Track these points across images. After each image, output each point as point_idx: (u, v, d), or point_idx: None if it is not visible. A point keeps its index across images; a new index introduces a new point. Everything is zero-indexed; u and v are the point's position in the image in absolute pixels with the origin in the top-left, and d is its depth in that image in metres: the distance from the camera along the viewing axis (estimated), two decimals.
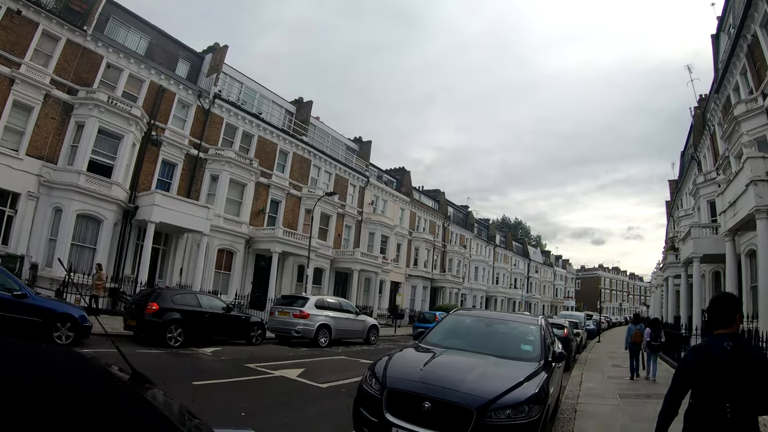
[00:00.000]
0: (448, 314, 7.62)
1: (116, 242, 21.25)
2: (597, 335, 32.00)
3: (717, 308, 2.97)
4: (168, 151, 23.79)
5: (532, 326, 6.61)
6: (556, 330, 15.94)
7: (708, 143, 25.66)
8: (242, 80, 29.58)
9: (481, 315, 7.82)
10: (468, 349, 5.91)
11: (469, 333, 6.65)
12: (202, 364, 10.85)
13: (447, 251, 49.49)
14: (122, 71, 22.35)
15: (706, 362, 2.79)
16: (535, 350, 5.89)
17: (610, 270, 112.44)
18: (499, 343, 6.13)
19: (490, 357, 5.48)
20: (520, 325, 7.00)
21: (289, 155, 30.29)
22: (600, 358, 19.09)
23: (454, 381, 4.59)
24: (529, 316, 7.75)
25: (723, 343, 2.80)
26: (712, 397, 2.73)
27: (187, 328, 13.31)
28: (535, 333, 6.34)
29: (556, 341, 7.95)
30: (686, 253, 21.09)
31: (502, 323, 7.03)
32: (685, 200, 32.74)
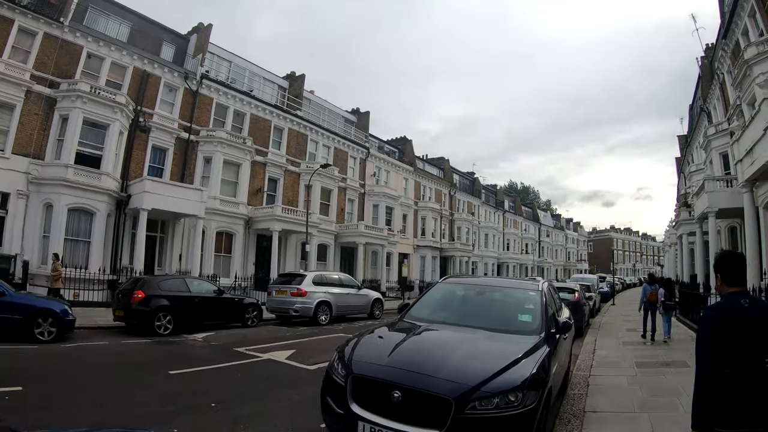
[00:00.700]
0: (437, 283, 6.78)
1: (111, 233, 20.97)
2: (611, 298, 30.97)
3: (730, 266, 2.91)
4: (157, 136, 23.24)
5: (532, 293, 5.81)
6: (566, 295, 14.95)
7: (717, 93, 24.41)
8: (230, 59, 28.69)
9: (474, 282, 6.87)
10: (456, 322, 5.19)
11: (459, 304, 5.93)
12: (188, 351, 10.43)
13: (455, 219, 48.77)
14: (104, 60, 21.78)
15: (733, 319, 2.69)
16: (534, 321, 5.15)
17: (622, 231, 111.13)
18: (493, 315, 5.44)
19: (481, 331, 4.79)
20: (517, 291, 6.11)
21: (284, 131, 29.57)
22: (615, 321, 18.28)
23: (432, 364, 3.93)
24: (528, 281, 6.62)
25: (740, 300, 2.76)
26: (748, 355, 2.60)
27: (176, 314, 12.88)
28: (535, 300, 5.56)
29: (563, 308, 7.20)
30: (700, 208, 20.13)
31: (497, 290, 6.18)
32: (696, 155, 31.65)
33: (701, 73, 27.58)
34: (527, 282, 6.58)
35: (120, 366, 8.58)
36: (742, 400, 2.57)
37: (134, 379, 7.55)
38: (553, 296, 6.63)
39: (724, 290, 2.91)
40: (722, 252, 3.08)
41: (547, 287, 6.31)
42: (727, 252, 3.07)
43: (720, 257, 3.00)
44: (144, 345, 11.05)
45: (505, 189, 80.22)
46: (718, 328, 2.70)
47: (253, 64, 30.10)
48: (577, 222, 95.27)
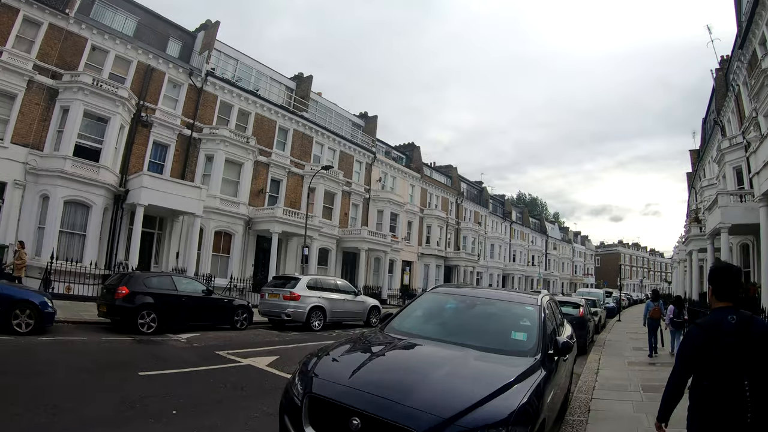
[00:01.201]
0: (424, 292, 6.20)
1: (108, 228, 20.74)
2: (617, 313, 30.20)
3: (723, 279, 2.86)
4: (159, 132, 22.97)
5: (529, 307, 5.18)
6: (570, 309, 14.38)
7: (732, 105, 23.67)
8: (237, 57, 28.42)
9: (465, 293, 6.00)
10: (439, 338, 4.59)
11: (446, 317, 5.34)
12: (166, 352, 9.88)
13: (461, 228, 48.17)
14: (108, 53, 21.67)
15: (716, 337, 2.68)
16: (530, 339, 4.55)
17: (630, 246, 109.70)
18: (483, 331, 4.83)
19: (467, 350, 4.18)
20: (512, 305, 5.46)
21: (289, 132, 29.18)
22: (620, 339, 17.43)
23: (402, 387, 3.32)
24: (526, 295, 5.93)
25: (727, 317, 2.73)
26: (727, 373, 2.61)
27: (161, 313, 12.36)
28: (532, 316, 4.94)
29: (565, 325, 6.60)
30: (713, 223, 19.30)
31: (490, 304, 5.48)
32: (708, 170, 30.89)
33: (715, 86, 26.89)
34: (525, 295, 5.89)
35: (91, 364, 8.09)
36: (718, 414, 2.61)
37: (101, 379, 7.09)
38: (554, 312, 6.02)
39: (714, 304, 2.87)
40: (717, 264, 3.05)
41: (548, 302, 5.72)
42: (722, 264, 3.02)
43: (714, 269, 2.94)
44: (123, 343, 10.55)
45: (514, 200, 79.53)
46: (701, 346, 2.72)
47: (261, 64, 29.80)
48: (585, 235, 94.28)
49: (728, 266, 2.97)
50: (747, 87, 19.87)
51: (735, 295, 2.83)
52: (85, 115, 19.56)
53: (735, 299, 2.82)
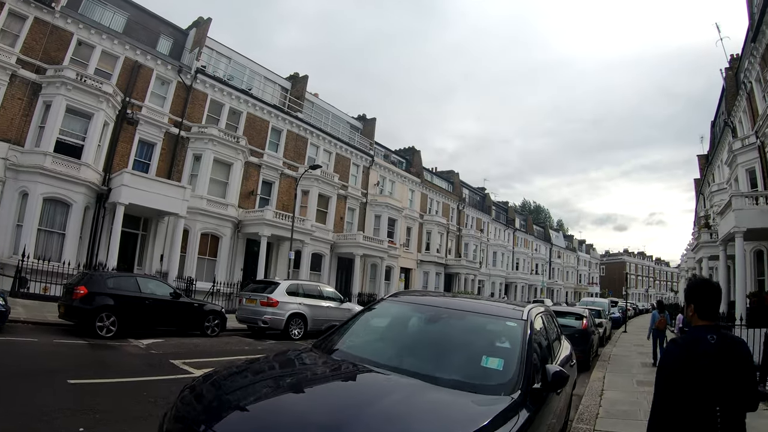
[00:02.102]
0: (381, 300, 4.86)
1: (89, 227, 20.03)
2: (623, 324, 28.62)
3: (705, 296, 2.67)
4: (145, 129, 22.19)
5: (511, 323, 3.88)
6: (572, 321, 13.08)
7: (744, 105, 22.57)
8: (230, 55, 27.66)
9: (430, 303, 4.66)
10: (384, 362, 3.36)
11: (401, 333, 4.18)
12: (115, 359, 8.95)
13: (462, 235, 47.08)
14: (94, 48, 21.08)
15: (692, 358, 2.48)
16: (507, 369, 3.27)
17: (635, 255, 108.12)
18: (446, 354, 3.63)
19: (416, 382, 3.01)
20: (489, 320, 4.11)
21: (282, 133, 28.30)
22: (627, 353, 15.91)
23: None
24: (509, 306, 4.51)
25: (707, 336, 2.55)
26: (698, 399, 2.42)
27: (121, 316, 11.44)
28: (514, 335, 3.67)
29: (562, 343, 5.43)
30: (726, 228, 18.11)
31: (460, 317, 4.15)
32: (718, 174, 29.76)
33: (725, 85, 25.84)
34: (507, 307, 4.51)
35: (23, 369, 7.20)
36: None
37: (24, 386, 6.23)
38: (547, 329, 4.76)
39: (695, 322, 2.70)
40: (696, 279, 2.85)
41: (538, 315, 4.46)
42: (702, 279, 2.86)
43: (694, 285, 2.77)
44: (73, 347, 9.66)
45: (518, 208, 78.45)
46: (679, 368, 2.52)
47: (254, 63, 29.02)
48: (589, 244, 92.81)
49: (709, 282, 2.81)
50: (760, 83, 18.84)
51: (716, 313, 2.69)
52: (68, 110, 18.94)
53: (716, 317, 2.67)
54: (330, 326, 4.55)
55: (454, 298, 5.22)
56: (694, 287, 2.74)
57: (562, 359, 4.82)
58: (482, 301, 5.14)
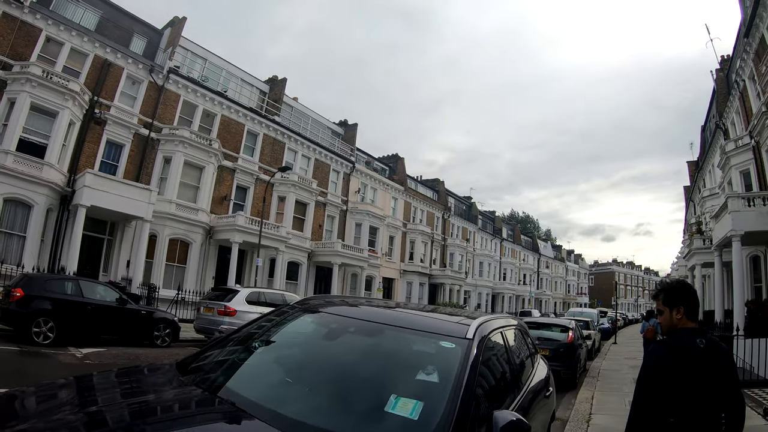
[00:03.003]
0: (280, 308, 3.81)
1: (52, 230, 19.13)
2: (612, 335, 27.29)
3: (693, 298, 2.61)
4: (114, 130, 21.33)
5: (447, 343, 2.77)
6: (556, 334, 11.92)
7: (736, 105, 21.95)
8: (206, 56, 26.88)
9: (343, 313, 3.46)
10: (252, 399, 2.34)
11: (288, 357, 3.03)
12: (38, 369, 8.16)
13: (447, 245, 46.29)
14: (63, 45, 20.33)
15: (687, 361, 2.35)
16: (427, 417, 2.21)
17: (624, 265, 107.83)
18: (343, 391, 2.56)
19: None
20: (415, 339, 2.93)
21: (258, 137, 27.45)
22: (617, 367, 14.70)
23: None
24: (450, 319, 3.28)
25: (696, 340, 2.45)
26: (702, 407, 2.27)
27: (61, 321, 10.58)
28: (448, 362, 2.60)
29: (536, 367, 4.29)
30: (722, 232, 17.11)
31: (376, 333, 3.01)
32: (709, 179, 29.19)
33: (716, 87, 25.26)
34: (449, 320, 3.23)
35: None
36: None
37: None
38: (510, 350, 3.59)
39: (683, 324, 2.55)
40: (678, 282, 2.75)
41: (496, 331, 3.29)
42: (684, 282, 2.79)
43: (682, 287, 2.65)
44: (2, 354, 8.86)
45: (506, 218, 77.90)
46: (669, 370, 2.35)
47: (231, 64, 28.24)
48: (578, 254, 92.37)
49: (687, 284, 2.77)
50: (754, 80, 18.26)
51: (697, 315, 2.61)
52: (32, 108, 18.10)
53: (697, 319, 2.59)
54: (211, 339, 3.28)
55: (381, 308, 3.71)
56: (681, 289, 2.65)
57: (532, 388, 3.71)
58: (416, 312, 3.67)
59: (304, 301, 3.88)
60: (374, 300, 4.40)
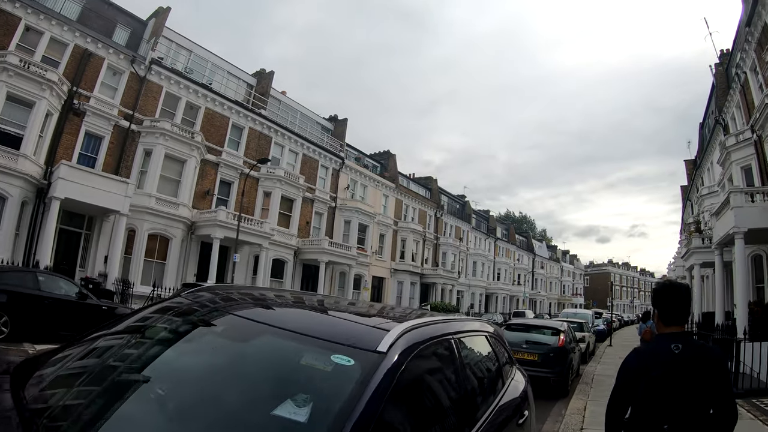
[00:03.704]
0: (162, 301, 2.71)
1: (27, 224, 18.49)
2: (608, 336, 26.25)
3: (669, 300, 2.43)
4: (93, 121, 20.73)
5: (341, 359, 1.78)
6: (547, 337, 11.04)
7: (737, 99, 21.29)
8: (191, 48, 26.30)
9: (223, 306, 2.43)
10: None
11: (134, 364, 1.98)
12: None
13: (440, 244, 45.73)
14: (43, 34, 19.78)
15: (648, 368, 2.28)
16: None
17: (620, 266, 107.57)
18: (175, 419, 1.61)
19: None
20: (305, 349, 1.90)
21: (244, 131, 26.87)
22: (613, 373, 11.89)
23: None
24: (366, 322, 2.36)
25: (670, 345, 2.30)
26: (647, 416, 2.24)
27: (16, 316, 10.09)
28: (337, 389, 1.67)
29: (509, 381, 3.43)
30: (723, 229, 16.39)
31: (246, 339, 2.08)
32: (707, 177, 28.61)
33: (715, 82, 24.69)
34: (362, 323, 2.31)
35: None
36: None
37: None
38: (472, 362, 2.84)
39: (659, 329, 2.47)
40: (662, 283, 2.59)
41: (431, 340, 2.28)
42: (669, 283, 2.57)
43: (659, 288, 2.52)
44: None
45: (501, 217, 77.36)
46: (631, 376, 2.33)
47: (217, 56, 27.68)
48: (573, 255, 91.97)
49: (675, 285, 2.53)
50: (756, 72, 17.66)
51: (683, 318, 2.42)
52: (8, 98, 17.50)
53: (684, 323, 2.42)
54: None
55: (296, 304, 2.88)
56: (658, 291, 2.53)
57: (494, 417, 2.73)
58: (328, 309, 2.70)
59: (195, 292, 2.77)
60: (291, 292, 3.58)
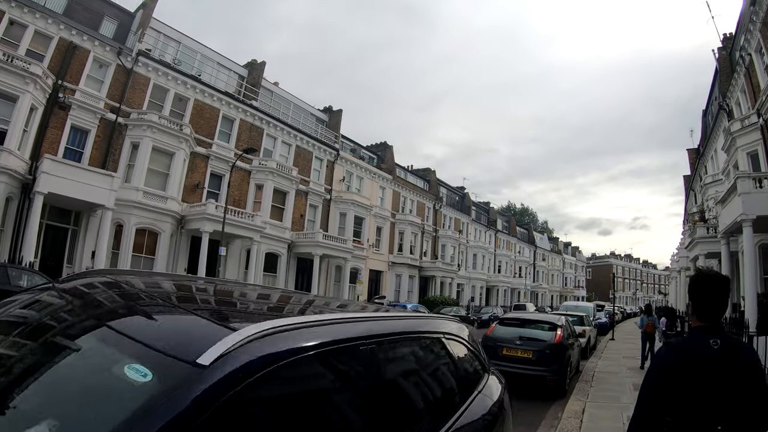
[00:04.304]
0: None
1: (12, 220, 18.23)
2: (610, 329, 25.10)
3: (706, 292, 2.18)
4: (78, 115, 20.39)
5: (135, 371, 1.24)
6: (541, 333, 10.23)
7: (742, 82, 20.68)
8: (180, 39, 25.81)
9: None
10: None
11: None
12: None
13: (439, 236, 45.23)
14: (27, 28, 19.53)
15: (689, 366, 2.03)
16: None
17: (622, 258, 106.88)
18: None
19: None
20: (119, 354, 1.35)
21: (235, 122, 26.42)
22: (615, 369, 12.86)
23: None
24: (185, 321, 1.66)
25: (709, 341, 2.07)
26: (697, 415, 1.99)
27: None
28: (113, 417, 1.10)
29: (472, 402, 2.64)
30: (730, 217, 15.76)
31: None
32: (711, 166, 28.01)
33: (719, 67, 24.04)
34: (198, 323, 1.61)
35: None
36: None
37: None
38: (382, 386, 1.97)
39: (694, 323, 2.22)
40: (698, 272, 2.29)
41: (306, 348, 1.55)
42: (706, 272, 2.28)
43: (697, 279, 2.23)
44: None
45: (502, 209, 76.78)
46: (669, 374, 2.06)
47: (207, 48, 27.20)
48: (575, 247, 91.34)
49: (714, 275, 2.24)
50: (761, 53, 17.13)
51: (719, 313, 2.16)
52: None
53: (719, 318, 2.16)
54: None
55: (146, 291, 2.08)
56: (695, 282, 2.25)
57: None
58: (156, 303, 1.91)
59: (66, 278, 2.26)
60: (175, 277, 2.78)
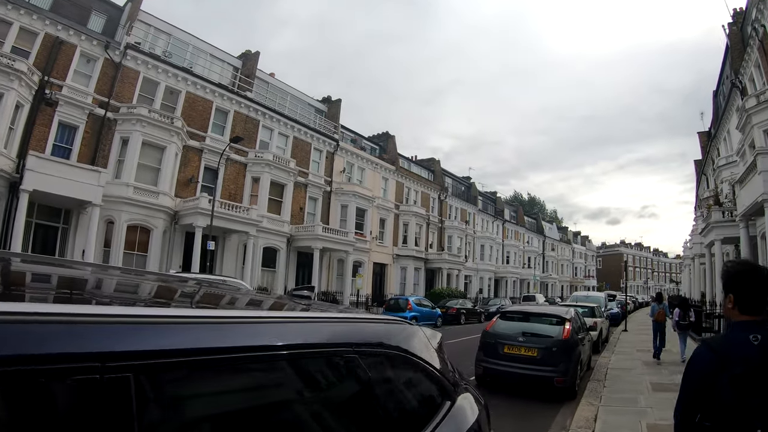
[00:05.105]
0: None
1: (0, 219, 17.90)
2: (622, 320, 23.73)
3: (750, 284, 2.00)
4: (66, 111, 19.93)
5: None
6: (547, 328, 9.18)
7: (755, 57, 19.68)
8: (170, 31, 25.23)
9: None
10: None
11: None
12: None
13: (445, 227, 44.39)
14: (11, 24, 19.15)
15: (727, 367, 1.87)
16: None
17: (632, 246, 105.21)
18: None
19: None
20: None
21: (229, 114, 25.79)
22: (630, 365, 11.66)
23: None
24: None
25: (749, 336, 1.91)
26: (735, 419, 1.84)
27: None
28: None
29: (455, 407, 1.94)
30: (750, 198, 14.77)
31: None
32: (724, 148, 27.07)
33: (729, 43, 23.14)
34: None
35: None
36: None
37: None
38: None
39: (734, 317, 2.04)
40: (739, 263, 2.17)
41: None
42: (748, 265, 2.14)
43: (736, 271, 2.07)
44: None
45: (509, 199, 75.75)
46: (709, 374, 1.92)
47: (199, 39, 26.58)
48: (585, 236, 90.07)
49: (756, 267, 2.07)
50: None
51: (763, 306, 1.99)
52: None
53: (761, 312, 1.98)
54: None
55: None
56: (735, 273, 2.06)
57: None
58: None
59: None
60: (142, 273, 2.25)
